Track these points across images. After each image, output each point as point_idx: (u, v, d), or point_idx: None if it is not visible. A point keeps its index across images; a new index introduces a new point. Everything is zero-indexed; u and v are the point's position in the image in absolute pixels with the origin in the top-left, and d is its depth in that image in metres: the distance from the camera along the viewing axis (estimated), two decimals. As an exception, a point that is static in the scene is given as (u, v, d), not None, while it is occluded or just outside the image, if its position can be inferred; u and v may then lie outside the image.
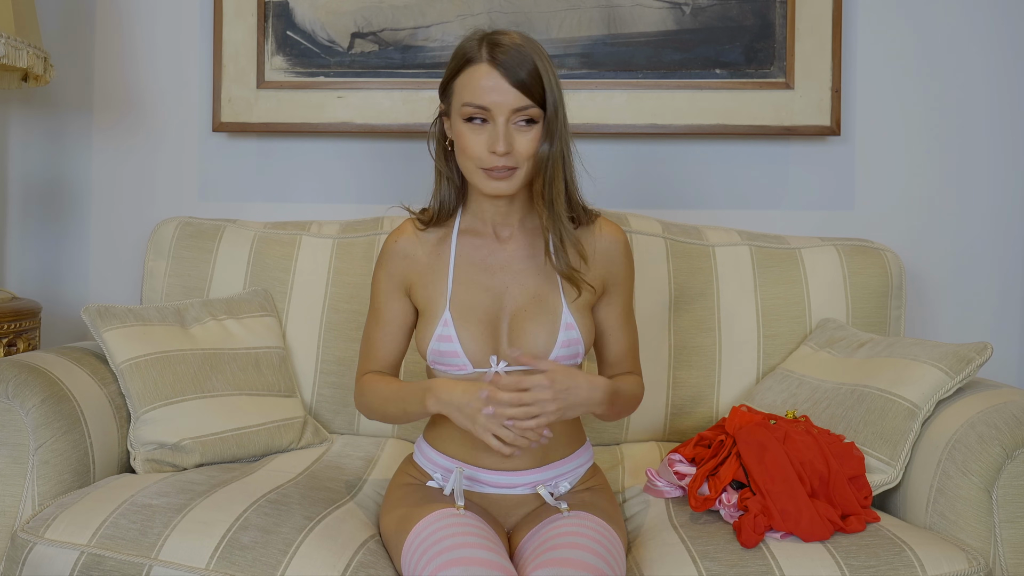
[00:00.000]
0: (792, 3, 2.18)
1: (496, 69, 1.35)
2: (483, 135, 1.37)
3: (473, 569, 1.21)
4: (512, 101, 1.35)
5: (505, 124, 1.35)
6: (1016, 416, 1.46)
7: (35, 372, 1.61)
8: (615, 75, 2.22)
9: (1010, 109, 2.25)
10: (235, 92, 2.27)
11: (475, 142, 1.37)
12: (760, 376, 1.96)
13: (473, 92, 1.36)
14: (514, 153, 1.37)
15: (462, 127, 1.38)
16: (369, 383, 1.50)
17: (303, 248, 2.07)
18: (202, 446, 1.71)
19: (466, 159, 1.40)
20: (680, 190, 2.29)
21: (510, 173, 1.38)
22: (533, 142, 1.38)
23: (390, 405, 1.46)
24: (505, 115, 1.35)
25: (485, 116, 1.36)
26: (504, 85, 1.34)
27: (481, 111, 1.36)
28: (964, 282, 2.27)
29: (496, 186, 1.39)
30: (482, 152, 1.37)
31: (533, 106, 1.36)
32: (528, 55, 1.36)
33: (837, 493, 1.46)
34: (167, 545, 1.39)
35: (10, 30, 1.88)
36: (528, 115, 1.36)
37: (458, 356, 1.43)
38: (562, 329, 1.44)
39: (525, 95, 1.35)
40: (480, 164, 1.38)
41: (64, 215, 2.38)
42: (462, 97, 1.37)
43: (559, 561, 1.24)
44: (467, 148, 1.38)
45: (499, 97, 1.35)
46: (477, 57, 1.36)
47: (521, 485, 1.46)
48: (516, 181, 1.40)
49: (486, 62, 1.35)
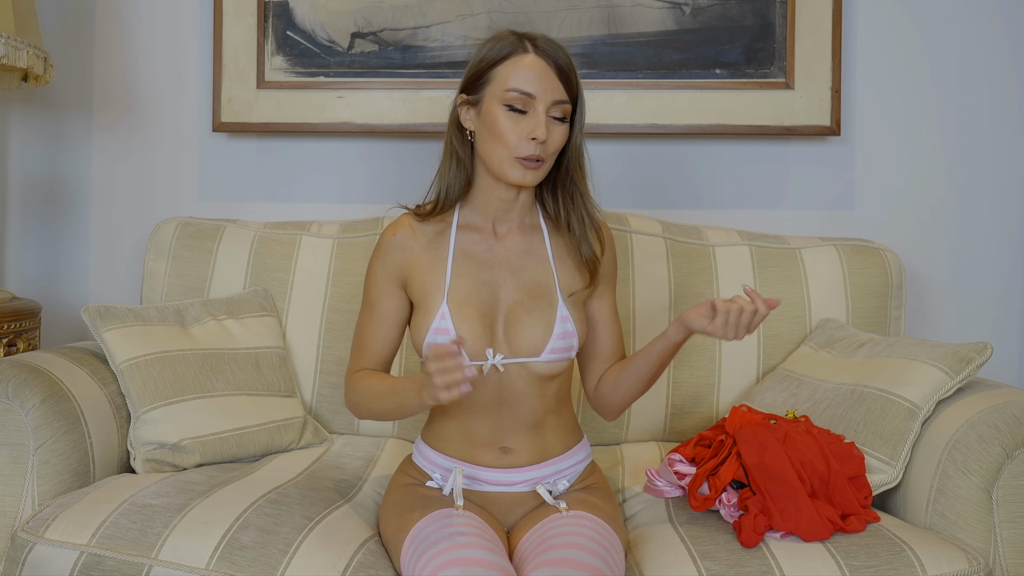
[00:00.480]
0: (792, 3, 2.18)
1: (543, 59, 1.41)
2: (521, 123, 1.41)
3: (472, 570, 1.21)
4: (556, 91, 1.41)
5: (545, 113, 1.41)
6: (1016, 416, 1.46)
7: (35, 372, 1.61)
8: (615, 75, 2.22)
9: (1010, 108, 2.25)
10: (235, 92, 2.27)
11: (513, 129, 1.41)
12: (760, 376, 1.96)
13: (520, 79, 1.40)
14: (547, 143, 1.42)
15: (499, 114, 1.42)
16: (361, 380, 1.49)
17: (303, 248, 2.07)
18: (202, 446, 1.71)
19: (499, 147, 1.42)
20: (680, 190, 2.29)
21: (538, 164, 1.43)
22: (563, 137, 1.44)
23: (384, 400, 1.44)
24: (547, 104, 1.41)
25: (526, 105, 1.41)
26: (551, 74, 1.41)
27: (525, 98, 1.40)
28: (964, 282, 2.27)
29: (524, 175, 1.43)
30: (519, 140, 1.41)
31: (568, 101, 1.43)
32: (563, 51, 1.44)
33: (837, 493, 1.46)
34: (167, 545, 1.39)
35: (10, 30, 1.88)
36: (563, 110, 1.43)
37: None
38: (558, 322, 1.46)
39: (565, 87, 1.42)
40: (515, 152, 1.41)
41: (64, 215, 2.38)
42: (507, 83, 1.41)
43: (558, 561, 1.24)
44: (504, 135, 1.41)
45: (547, 84, 1.40)
46: (521, 48, 1.42)
47: (520, 483, 1.46)
48: (541, 172, 1.44)
49: (533, 52, 1.41)
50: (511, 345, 1.45)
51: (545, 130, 1.39)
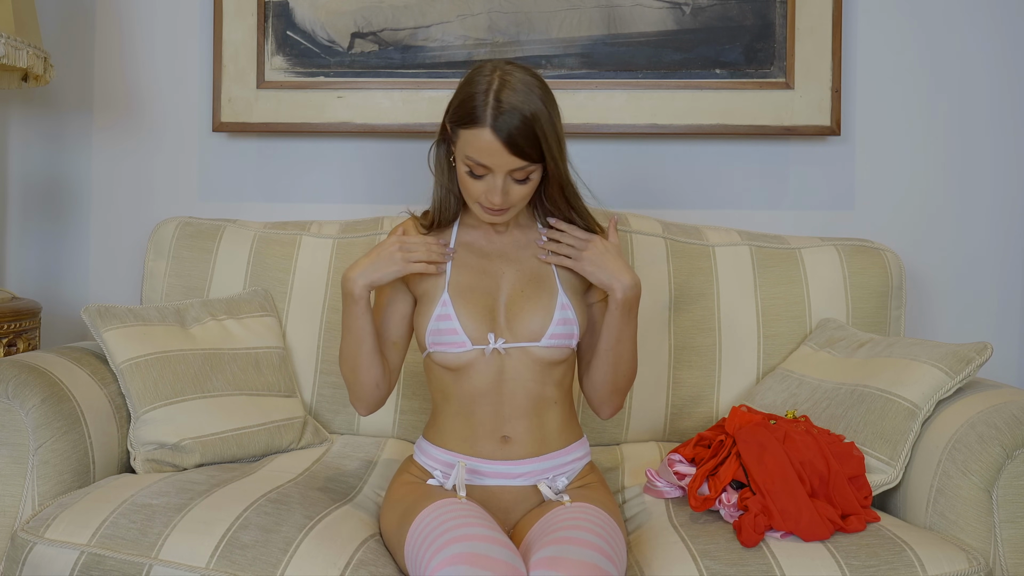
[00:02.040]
0: (792, 3, 2.19)
1: (497, 138, 1.39)
2: (482, 184, 1.45)
3: (476, 543, 1.22)
4: (510, 163, 1.42)
5: (503, 179, 1.43)
6: (1016, 416, 1.46)
7: (35, 372, 1.61)
8: (615, 75, 2.22)
9: (1011, 108, 2.25)
10: (235, 92, 2.27)
11: (475, 187, 1.46)
12: (760, 376, 1.96)
13: (475, 151, 1.42)
14: (509, 199, 1.45)
15: (463, 172, 1.46)
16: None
17: (303, 248, 2.07)
18: (202, 446, 1.71)
19: (466, 193, 1.49)
20: (680, 190, 2.29)
21: (504, 212, 1.48)
22: (529, 189, 1.46)
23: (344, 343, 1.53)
24: (503, 172, 1.43)
25: (485, 172, 1.44)
26: (504, 152, 1.40)
27: (482, 168, 1.43)
28: (964, 282, 2.27)
29: (492, 217, 1.49)
30: (480, 196, 1.46)
31: (530, 165, 1.43)
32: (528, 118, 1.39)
33: (837, 493, 1.46)
34: (167, 545, 1.39)
35: (10, 30, 1.88)
36: (525, 173, 1.44)
37: (457, 333, 1.47)
38: (558, 308, 1.50)
39: (522, 159, 1.42)
40: (479, 201, 1.47)
41: (64, 215, 2.38)
42: (465, 151, 1.44)
43: (564, 540, 1.27)
44: (468, 189, 1.47)
45: (499, 160, 1.41)
46: (481, 120, 1.40)
47: (521, 475, 1.48)
48: (509, 215, 1.50)
49: (489, 128, 1.39)
50: (512, 331, 1.49)
51: (500, 196, 1.43)
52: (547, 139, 1.42)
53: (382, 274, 1.47)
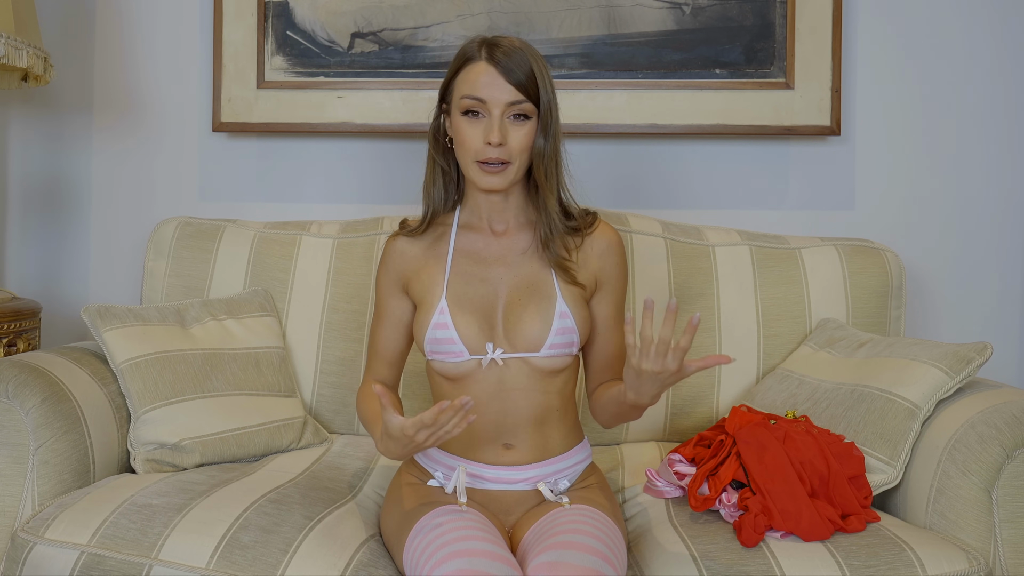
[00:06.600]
0: (792, 3, 2.19)
1: (493, 66, 1.43)
2: (479, 127, 1.44)
3: (475, 560, 1.21)
4: (507, 95, 1.43)
5: (500, 117, 1.43)
6: (1016, 416, 1.46)
7: (35, 372, 1.61)
8: (615, 75, 2.22)
9: (1010, 108, 2.25)
10: (235, 92, 2.27)
11: (472, 134, 1.44)
12: (760, 376, 1.96)
13: (471, 86, 1.44)
14: (508, 146, 1.43)
15: (460, 120, 1.46)
16: (362, 399, 1.55)
17: (303, 248, 2.07)
18: (202, 446, 1.71)
19: (464, 152, 1.46)
20: (680, 190, 2.29)
21: (503, 168, 1.45)
22: (527, 137, 1.45)
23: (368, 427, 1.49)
24: (500, 108, 1.43)
25: (481, 109, 1.44)
26: (500, 81, 1.43)
27: (477, 103, 1.43)
28: (964, 282, 2.27)
29: (490, 180, 1.45)
30: (478, 144, 1.44)
31: (527, 101, 1.44)
32: (524, 56, 1.45)
33: (837, 493, 1.46)
34: (167, 545, 1.39)
35: (10, 30, 1.88)
36: (522, 110, 1.44)
37: (455, 343, 1.46)
38: (556, 317, 1.47)
39: (520, 91, 1.43)
40: (476, 156, 1.44)
41: (64, 215, 2.38)
42: (460, 91, 1.45)
43: (563, 544, 1.26)
44: (464, 140, 1.45)
45: (495, 91, 1.43)
46: (476, 56, 1.45)
47: (522, 480, 1.47)
48: (509, 176, 1.46)
49: (484, 60, 1.44)
50: (511, 340, 1.46)
51: (499, 133, 1.42)
52: (543, 76, 1.44)
53: (402, 453, 1.35)
